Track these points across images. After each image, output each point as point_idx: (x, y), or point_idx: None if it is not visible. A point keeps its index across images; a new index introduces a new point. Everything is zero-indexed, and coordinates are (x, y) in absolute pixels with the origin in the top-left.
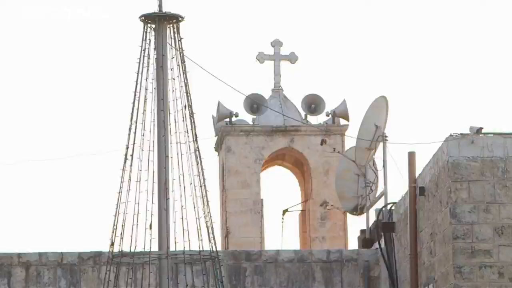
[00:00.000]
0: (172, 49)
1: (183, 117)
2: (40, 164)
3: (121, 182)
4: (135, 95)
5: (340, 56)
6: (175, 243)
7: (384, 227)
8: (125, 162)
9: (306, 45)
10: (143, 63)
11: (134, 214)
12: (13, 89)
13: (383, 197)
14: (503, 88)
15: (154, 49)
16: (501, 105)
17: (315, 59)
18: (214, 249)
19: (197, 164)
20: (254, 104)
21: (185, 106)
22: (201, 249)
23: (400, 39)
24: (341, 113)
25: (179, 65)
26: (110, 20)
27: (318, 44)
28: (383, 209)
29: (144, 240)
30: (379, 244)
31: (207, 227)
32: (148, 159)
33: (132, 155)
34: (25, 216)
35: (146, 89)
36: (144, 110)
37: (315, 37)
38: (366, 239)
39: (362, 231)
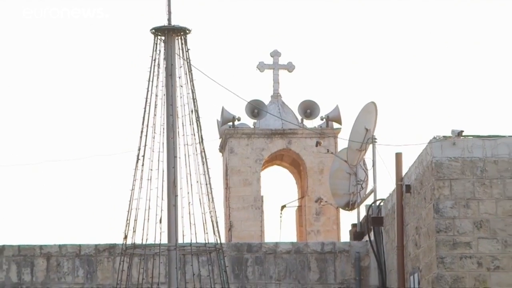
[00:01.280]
0: (180, 59)
1: (190, 121)
2: (60, 164)
3: (133, 180)
4: (146, 101)
5: (333, 66)
6: (183, 236)
7: (373, 221)
8: (137, 162)
9: (303, 55)
10: (153, 72)
11: (145, 209)
12: (34, 93)
13: (372, 194)
14: (483, 94)
15: (164, 59)
16: (480, 110)
17: (310, 68)
18: (219, 242)
19: (203, 164)
20: (255, 109)
21: (192, 111)
22: (206, 241)
23: (388, 50)
24: (334, 117)
25: (186, 74)
26: (123, 32)
27: (313, 54)
28: (373, 205)
29: (154, 233)
30: (369, 237)
31: (212, 221)
32: (158, 160)
33: (143, 156)
34: (47, 212)
35: (156, 95)
36: (155, 115)
37: (311, 48)
38: (357, 232)
39: (353, 225)
